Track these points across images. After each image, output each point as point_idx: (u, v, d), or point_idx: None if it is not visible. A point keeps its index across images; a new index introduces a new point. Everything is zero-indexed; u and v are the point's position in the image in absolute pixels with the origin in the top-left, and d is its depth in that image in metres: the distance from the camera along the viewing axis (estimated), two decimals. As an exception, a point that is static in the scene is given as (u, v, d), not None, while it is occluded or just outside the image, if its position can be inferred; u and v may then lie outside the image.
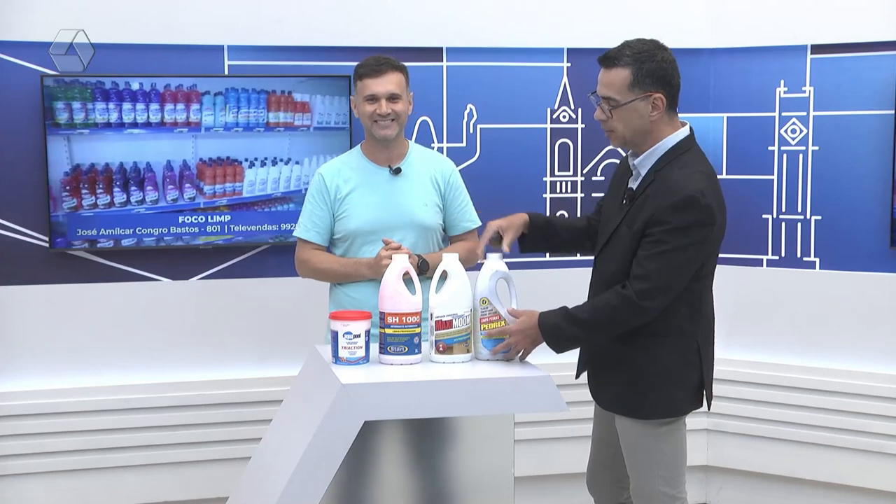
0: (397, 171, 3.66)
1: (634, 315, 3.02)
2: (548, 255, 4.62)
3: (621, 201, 3.18)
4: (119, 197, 4.28)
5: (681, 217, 2.97)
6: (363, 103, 3.59)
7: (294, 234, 3.74)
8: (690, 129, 3.15)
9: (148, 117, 4.28)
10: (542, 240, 3.41)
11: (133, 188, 4.29)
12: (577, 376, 3.34)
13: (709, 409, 3.25)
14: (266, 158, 4.42)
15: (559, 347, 3.12)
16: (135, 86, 4.27)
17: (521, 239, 3.39)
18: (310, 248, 3.68)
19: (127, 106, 4.26)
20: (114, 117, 4.26)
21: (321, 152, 4.44)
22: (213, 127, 4.35)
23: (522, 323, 3.11)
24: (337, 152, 4.11)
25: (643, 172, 3.11)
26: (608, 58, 3.08)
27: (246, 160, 4.41)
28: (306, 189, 3.75)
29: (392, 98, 3.57)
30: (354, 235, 3.63)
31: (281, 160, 4.43)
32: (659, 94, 3.05)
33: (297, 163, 4.44)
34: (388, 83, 3.56)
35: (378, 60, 3.60)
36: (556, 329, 3.07)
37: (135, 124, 4.27)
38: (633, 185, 3.15)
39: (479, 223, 3.80)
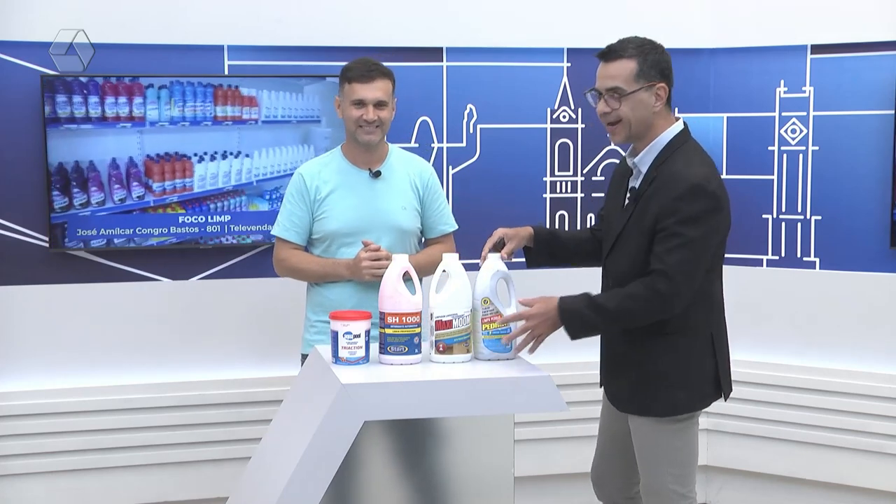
0: (377, 175, 3.67)
1: (661, 309, 3.00)
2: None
3: (623, 203, 3.19)
4: (59, 202, 4.23)
5: (690, 206, 2.98)
6: (350, 107, 3.61)
7: (272, 232, 3.76)
8: (684, 123, 3.18)
9: (87, 112, 4.23)
10: (548, 254, 3.40)
11: (76, 189, 4.24)
12: (602, 385, 3.34)
13: (725, 400, 3.26)
14: (216, 152, 4.39)
15: (576, 334, 3.08)
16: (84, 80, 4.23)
17: (526, 252, 3.40)
18: (288, 247, 3.70)
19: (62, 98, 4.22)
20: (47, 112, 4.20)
21: (271, 145, 4.42)
22: (158, 121, 4.31)
23: (540, 307, 3.06)
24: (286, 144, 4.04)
25: (644, 170, 3.12)
26: (612, 51, 3.11)
27: (195, 155, 4.37)
28: (258, 181, 3.72)
29: (379, 105, 3.59)
30: (333, 237, 3.64)
31: (231, 153, 4.41)
32: (662, 84, 3.09)
33: (247, 156, 4.42)
34: (376, 90, 3.58)
35: (367, 66, 3.61)
36: (578, 315, 3.04)
37: (72, 119, 4.23)
38: (635, 183, 3.15)
39: (456, 227, 3.82)
